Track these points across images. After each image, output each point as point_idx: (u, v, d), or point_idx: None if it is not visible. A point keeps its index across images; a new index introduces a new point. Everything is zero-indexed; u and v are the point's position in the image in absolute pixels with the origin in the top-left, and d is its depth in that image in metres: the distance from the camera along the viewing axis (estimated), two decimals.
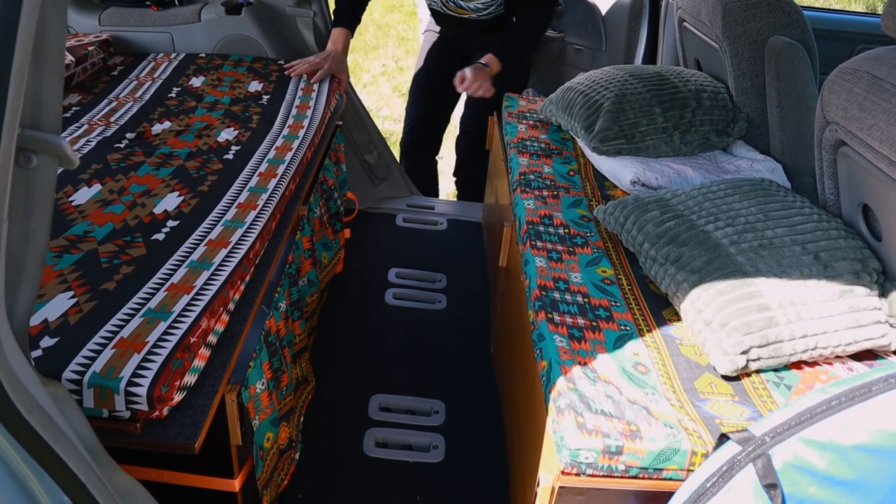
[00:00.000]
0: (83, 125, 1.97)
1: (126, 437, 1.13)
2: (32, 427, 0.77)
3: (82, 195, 1.62)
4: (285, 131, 2.05)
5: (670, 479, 1.17)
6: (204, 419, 1.17)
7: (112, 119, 2.02)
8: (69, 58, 2.19)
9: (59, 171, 0.81)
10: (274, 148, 1.94)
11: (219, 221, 1.58)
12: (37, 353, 1.15)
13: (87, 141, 1.88)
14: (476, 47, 2.70)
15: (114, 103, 2.13)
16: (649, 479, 1.17)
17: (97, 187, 1.66)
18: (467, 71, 2.41)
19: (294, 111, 2.18)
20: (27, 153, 0.76)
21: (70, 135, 1.91)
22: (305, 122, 2.11)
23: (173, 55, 2.50)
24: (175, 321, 1.25)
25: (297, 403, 1.73)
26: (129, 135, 1.93)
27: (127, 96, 2.18)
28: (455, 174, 3.10)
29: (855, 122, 1.42)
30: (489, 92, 2.42)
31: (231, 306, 1.40)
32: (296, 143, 1.98)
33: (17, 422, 0.76)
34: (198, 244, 1.49)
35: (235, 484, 1.34)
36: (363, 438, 1.86)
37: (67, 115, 2.04)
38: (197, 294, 1.32)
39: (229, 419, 1.27)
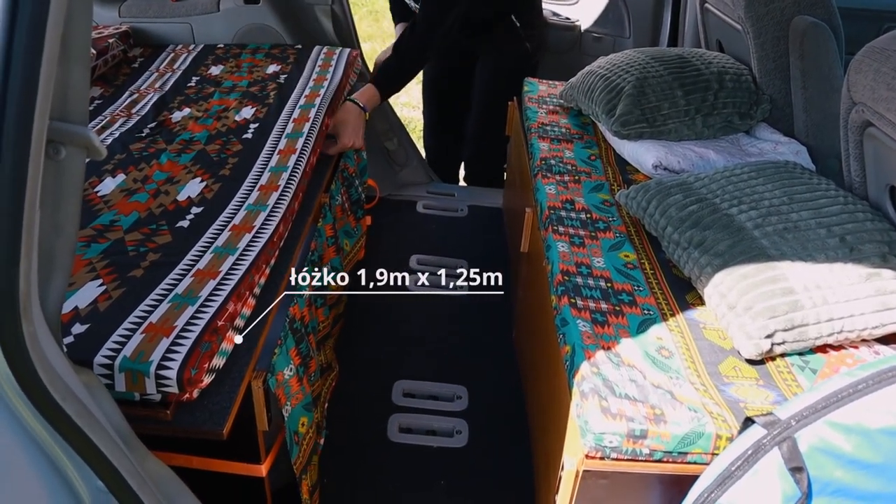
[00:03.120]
0: (106, 117, 2.00)
1: (156, 423, 1.15)
2: (67, 414, 0.78)
3: (107, 185, 1.64)
4: (301, 101, 2.05)
5: (695, 463, 1.16)
6: (231, 406, 1.19)
7: (133, 111, 2.04)
8: (91, 50, 2.21)
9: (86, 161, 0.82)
10: (291, 120, 1.95)
11: (242, 206, 1.59)
12: (69, 339, 1.17)
13: (111, 133, 1.90)
14: (473, 45, 2.66)
15: (135, 95, 2.15)
16: (674, 462, 1.17)
17: (121, 177, 1.68)
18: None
19: (311, 84, 2.18)
20: (56, 145, 0.77)
21: (93, 127, 1.93)
22: (322, 91, 2.11)
23: (192, 46, 2.51)
24: (202, 305, 1.26)
25: (322, 390, 1.75)
26: (150, 125, 1.95)
27: (147, 88, 2.20)
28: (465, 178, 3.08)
29: (883, 103, 1.40)
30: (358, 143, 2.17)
31: (257, 290, 1.41)
32: (312, 112, 1.98)
33: (52, 409, 0.77)
34: (222, 230, 1.50)
35: (262, 469, 1.36)
36: (387, 424, 1.88)
37: (90, 107, 2.06)
38: (223, 279, 1.34)
39: (255, 405, 1.29)
